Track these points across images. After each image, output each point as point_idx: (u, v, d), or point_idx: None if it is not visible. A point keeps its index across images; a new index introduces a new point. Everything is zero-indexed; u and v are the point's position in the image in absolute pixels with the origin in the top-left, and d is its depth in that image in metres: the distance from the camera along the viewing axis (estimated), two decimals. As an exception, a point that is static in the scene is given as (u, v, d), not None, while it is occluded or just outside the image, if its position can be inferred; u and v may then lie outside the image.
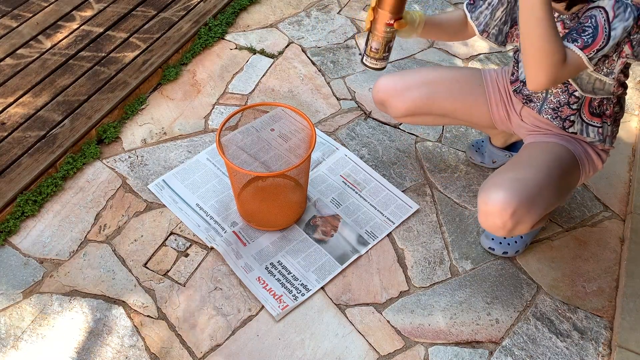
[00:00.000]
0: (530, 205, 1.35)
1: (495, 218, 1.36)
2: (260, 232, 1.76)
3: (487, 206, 1.37)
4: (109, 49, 2.32)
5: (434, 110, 1.68)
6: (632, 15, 1.15)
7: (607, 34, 1.17)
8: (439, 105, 1.66)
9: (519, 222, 1.37)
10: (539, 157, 1.44)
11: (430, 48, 2.46)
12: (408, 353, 1.53)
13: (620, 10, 1.16)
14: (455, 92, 1.66)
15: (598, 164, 1.51)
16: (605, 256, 1.74)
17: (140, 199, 1.86)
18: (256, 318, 1.58)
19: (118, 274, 1.67)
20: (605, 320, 1.60)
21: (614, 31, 1.16)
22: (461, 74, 1.68)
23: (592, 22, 1.18)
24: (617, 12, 1.16)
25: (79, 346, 1.51)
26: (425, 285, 1.67)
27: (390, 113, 1.73)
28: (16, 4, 2.52)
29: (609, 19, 1.16)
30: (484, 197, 1.38)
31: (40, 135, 1.97)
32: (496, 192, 1.35)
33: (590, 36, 1.18)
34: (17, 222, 1.76)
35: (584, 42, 1.18)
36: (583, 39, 1.19)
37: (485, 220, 1.40)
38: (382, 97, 1.70)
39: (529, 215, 1.36)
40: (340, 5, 2.68)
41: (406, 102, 1.67)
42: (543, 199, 1.38)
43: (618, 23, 1.16)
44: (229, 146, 1.92)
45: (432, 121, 1.75)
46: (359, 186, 1.91)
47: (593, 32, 1.17)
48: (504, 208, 1.34)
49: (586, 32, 1.19)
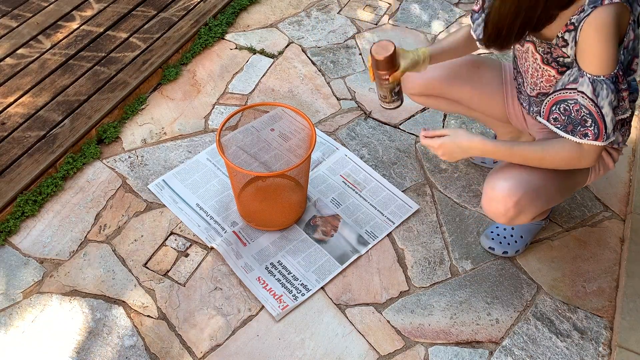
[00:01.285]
0: (534, 196, 1.37)
1: (499, 204, 1.39)
2: (260, 232, 1.76)
3: (494, 192, 1.39)
4: (109, 49, 2.32)
5: (451, 93, 1.67)
6: (610, 90, 1.20)
7: (601, 114, 1.22)
8: (457, 89, 1.65)
9: (521, 212, 1.39)
10: None
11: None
12: (408, 353, 1.53)
13: (599, 91, 1.21)
14: (475, 79, 1.65)
15: (609, 163, 1.51)
16: (605, 256, 1.74)
17: (140, 199, 1.86)
18: (256, 318, 1.58)
19: (118, 274, 1.67)
20: (605, 320, 1.60)
21: (603, 110, 1.22)
22: (484, 62, 1.66)
23: (585, 111, 1.23)
24: (597, 94, 1.21)
25: (79, 346, 1.51)
26: (425, 285, 1.67)
27: (406, 89, 1.70)
28: (16, 4, 2.52)
29: (595, 102, 1.22)
30: (491, 183, 1.41)
31: (40, 135, 1.97)
32: (504, 180, 1.38)
33: (594, 125, 1.24)
34: (17, 222, 1.76)
35: (594, 134, 1.25)
36: (590, 130, 1.24)
37: (489, 205, 1.42)
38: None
39: (532, 205, 1.38)
40: (340, 5, 2.68)
41: (425, 80, 1.65)
42: (548, 192, 1.40)
43: (602, 102, 1.21)
44: (229, 146, 1.92)
45: (445, 106, 1.73)
46: (359, 186, 1.91)
47: (593, 120, 1.23)
48: (509, 195, 1.36)
49: (588, 122, 1.24)
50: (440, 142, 1.39)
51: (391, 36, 2.50)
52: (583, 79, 1.22)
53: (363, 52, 2.43)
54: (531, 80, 1.42)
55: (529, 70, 1.42)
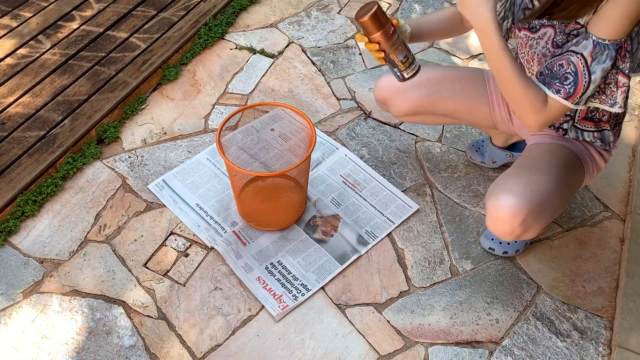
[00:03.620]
0: (539, 212, 1.34)
1: (505, 224, 1.36)
2: (260, 232, 1.76)
3: (498, 212, 1.35)
4: (109, 49, 2.32)
5: (436, 110, 1.67)
6: (609, 56, 1.19)
7: (587, 80, 1.21)
8: (441, 105, 1.66)
9: (528, 229, 1.36)
10: (546, 161, 1.43)
11: (430, 48, 2.46)
12: (408, 353, 1.53)
13: (598, 54, 1.19)
14: (457, 92, 1.65)
15: (601, 164, 1.51)
16: (605, 256, 1.74)
17: (140, 199, 1.86)
18: (256, 318, 1.58)
19: (118, 274, 1.67)
20: (605, 320, 1.60)
21: (594, 75, 1.20)
22: (464, 74, 1.67)
23: (572, 68, 1.21)
24: (594, 57, 1.19)
25: (79, 346, 1.51)
26: (425, 285, 1.67)
27: (391, 112, 1.72)
28: (16, 4, 2.52)
29: (587, 64, 1.20)
30: (494, 202, 1.36)
31: (40, 135, 1.97)
32: (506, 198, 1.34)
33: (572, 85, 1.21)
34: (17, 222, 1.76)
35: (567, 92, 1.22)
36: (565, 88, 1.22)
37: (495, 226, 1.39)
38: (384, 96, 1.70)
39: (538, 222, 1.36)
40: (340, 5, 2.68)
41: (408, 102, 1.66)
42: (552, 205, 1.37)
43: (596, 66, 1.20)
44: (229, 146, 1.92)
45: (433, 120, 1.75)
46: (359, 186, 1.91)
47: (574, 80, 1.21)
48: (514, 215, 1.33)
49: (568, 80, 1.22)
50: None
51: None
52: (587, 42, 1.20)
53: (363, 52, 2.43)
54: (538, 67, 1.40)
55: (534, 58, 1.40)
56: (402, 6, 2.67)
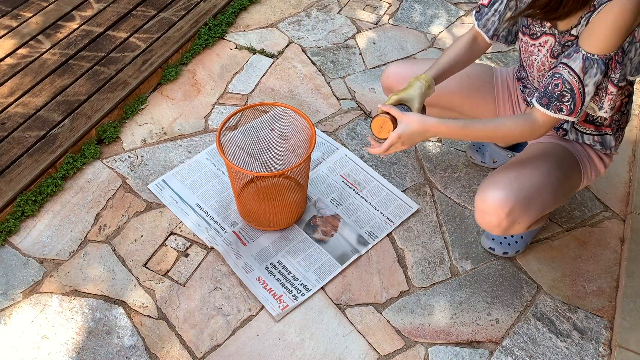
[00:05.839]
0: (527, 206, 1.36)
1: (491, 216, 1.38)
2: (260, 232, 1.76)
3: (484, 204, 1.38)
4: (109, 49, 2.32)
5: (442, 102, 1.67)
6: (600, 70, 1.21)
7: (582, 94, 1.24)
8: (447, 98, 1.65)
9: (515, 222, 1.37)
10: (539, 157, 1.44)
11: (430, 48, 2.45)
12: (408, 353, 1.53)
13: (588, 68, 1.21)
14: (464, 87, 1.65)
15: (600, 168, 1.50)
16: (605, 256, 1.74)
17: (140, 199, 1.86)
18: (256, 318, 1.58)
19: (118, 274, 1.67)
20: (605, 320, 1.60)
21: (587, 87, 1.23)
22: (472, 69, 1.66)
23: (567, 86, 1.24)
24: (585, 71, 1.22)
25: (79, 346, 1.51)
26: (425, 285, 1.67)
27: None
28: (16, 4, 2.52)
29: (580, 79, 1.23)
30: (481, 195, 1.39)
31: (40, 135, 1.97)
32: (493, 191, 1.37)
33: (571, 101, 1.24)
34: (17, 222, 1.76)
35: (569, 109, 1.26)
36: (566, 105, 1.25)
37: (482, 218, 1.41)
38: (391, 83, 1.69)
39: (525, 215, 1.37)
40: (340, 5, 2.68)
41: None
42: (541, 200, 1.38)
43: (588, 80, 1.22)
44: (229, 146, 1.92)
45: (437, 113, 1.73)
46: (359, 186, 1.91)
47: (572, 96, 1.24)
48: (500, 206, 1.35)
49: (566, 98, 1.24)
50: (397, 134, 1.35)
51: (391, 36, 2.50)
52: (577, 55, 1.22)
53: (363, 52, 2.43)
54: (537, 74, 1.42)
55: (534, 64, 1.41)
56: (402, 6, 2.67)
